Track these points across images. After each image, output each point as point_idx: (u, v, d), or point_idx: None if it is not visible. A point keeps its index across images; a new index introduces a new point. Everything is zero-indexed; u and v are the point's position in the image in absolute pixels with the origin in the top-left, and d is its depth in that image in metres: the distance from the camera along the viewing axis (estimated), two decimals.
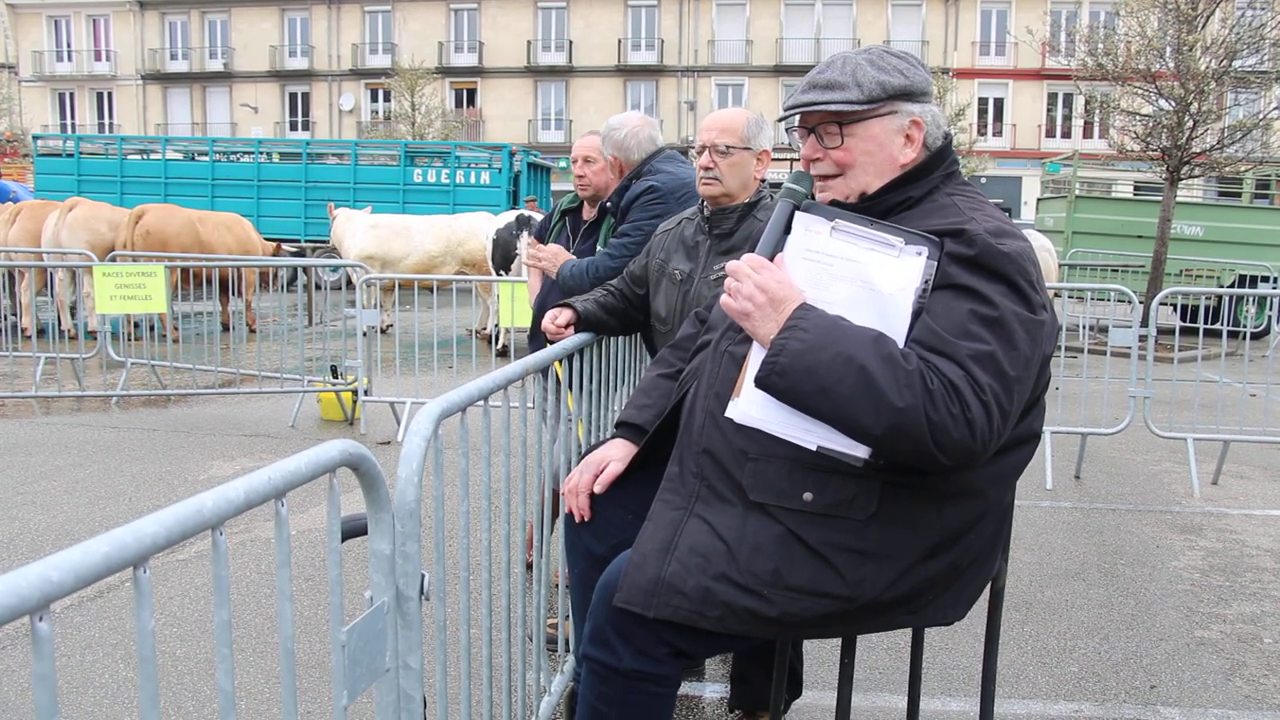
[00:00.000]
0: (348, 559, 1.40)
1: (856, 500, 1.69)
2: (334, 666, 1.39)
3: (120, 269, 7.28)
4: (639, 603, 1.71)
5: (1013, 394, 1.63)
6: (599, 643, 1.77)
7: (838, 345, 1.62)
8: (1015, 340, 1.63)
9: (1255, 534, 4.90)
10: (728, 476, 1.76)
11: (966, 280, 1.66)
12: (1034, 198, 23.35)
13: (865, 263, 1.71)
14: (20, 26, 39.21)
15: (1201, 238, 14.60)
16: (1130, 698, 3.13)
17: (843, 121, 1.82)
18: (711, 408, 1.82)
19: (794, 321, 1.67)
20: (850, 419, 1.61)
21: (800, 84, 1.90)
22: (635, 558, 1.77)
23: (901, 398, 1.57)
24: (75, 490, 5.21)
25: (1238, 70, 12.42)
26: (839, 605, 1.70)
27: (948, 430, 1.57)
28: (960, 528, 1.76)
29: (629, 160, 3.43)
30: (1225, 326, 7.22)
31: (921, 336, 1.65)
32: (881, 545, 1.70)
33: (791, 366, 1.63)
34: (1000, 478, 1.79)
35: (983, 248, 1.67)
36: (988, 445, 1.61)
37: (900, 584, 1.72)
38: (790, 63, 35.55)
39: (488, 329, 11.63)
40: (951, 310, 1.65)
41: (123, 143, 20.53)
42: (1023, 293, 1.67)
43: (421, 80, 30.88)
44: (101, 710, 2.93)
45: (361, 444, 1.41)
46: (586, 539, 2.15)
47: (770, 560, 1.69)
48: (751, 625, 1.70)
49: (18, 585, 0.84)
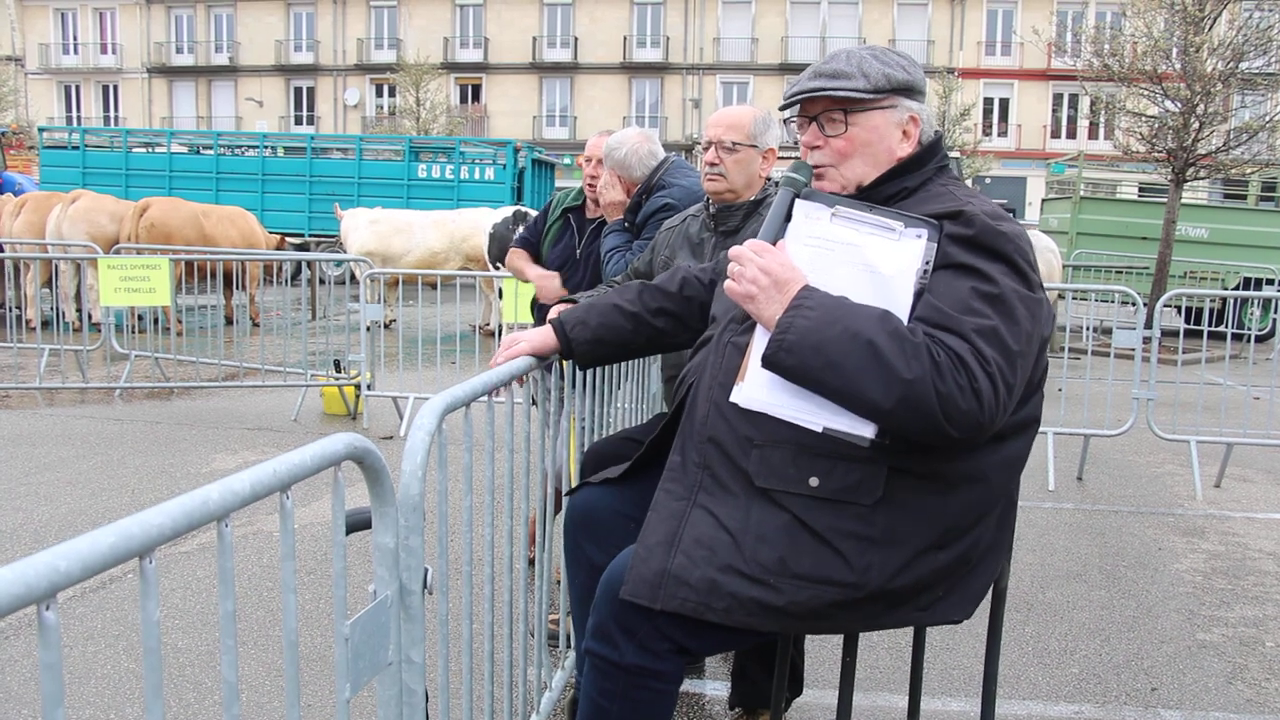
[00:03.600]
0: (348, 553, 1.40)
1: (863, 485, 1.69)
2: (337, 659, 1.39)
3: (125, 261, 7.29)
4: (645, 595, 1.71)
5: (1016, 368, 1.65)
6: (602, 638, 1.77)
7: (844, 322, 1.63)
8: (1016, 315, 1.66)
9: (1257, 537, 4.89)
10: (732, 464, 1.75)
11: (966, 259, 1.69)
12: (1039, 198, 23.32)
13: (866, 247, 1.73)
14: (27, 19, 39.26)
15: (1206, 240, 14.57)
16: (1131, 700, 3.13)
17: (847, 109, 1.85)
18: (716, 397, 1.81)
19: (799, 301, 1.68)
20: (859, 393, 1.62)
21: (804, 74, 1.92)
22: (640, 551, 1.77)
23: (909, 369, 1.58)
24: (78, 482, 5.22)
25: (1245, 72, 12.39)
26: (846, 593, 1.69)
27: (955, 401, 1.58)
28: (967, 517, 1.76)
29: (631, 177, 3.43)
30: (1229, 329, 7.22)
31: (925, 314, 1.67)
32: (887, 531, 1.69)
33: (799, 344, 1.64)
34: (1004, 464, 1.79)
35: (981, 227, 1.71)
36: (994, 417, 1.62)
37: (907, 572, 1.71)
38: (795, 61, 35.49)
39: (490, 324, 11.64)
40: (953, 288, 1.67)
41: (128, 136, 20.54)
42: (1021, 271, 1.71)
43: (426, 76, 30.87)
44: (103, 700, 2.93)
45: (366, 438, 1.41)
46: (589, 550, 2.13)
47: (776, 549, 1.69)
48: (759, 616, 1.69)
49: (25, 574, 0.84)
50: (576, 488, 2.23)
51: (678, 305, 2.27)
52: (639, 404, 3.53)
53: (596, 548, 2.12)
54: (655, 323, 2.26)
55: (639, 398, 3.54)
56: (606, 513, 2.11)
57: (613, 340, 2.26)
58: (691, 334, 2.20)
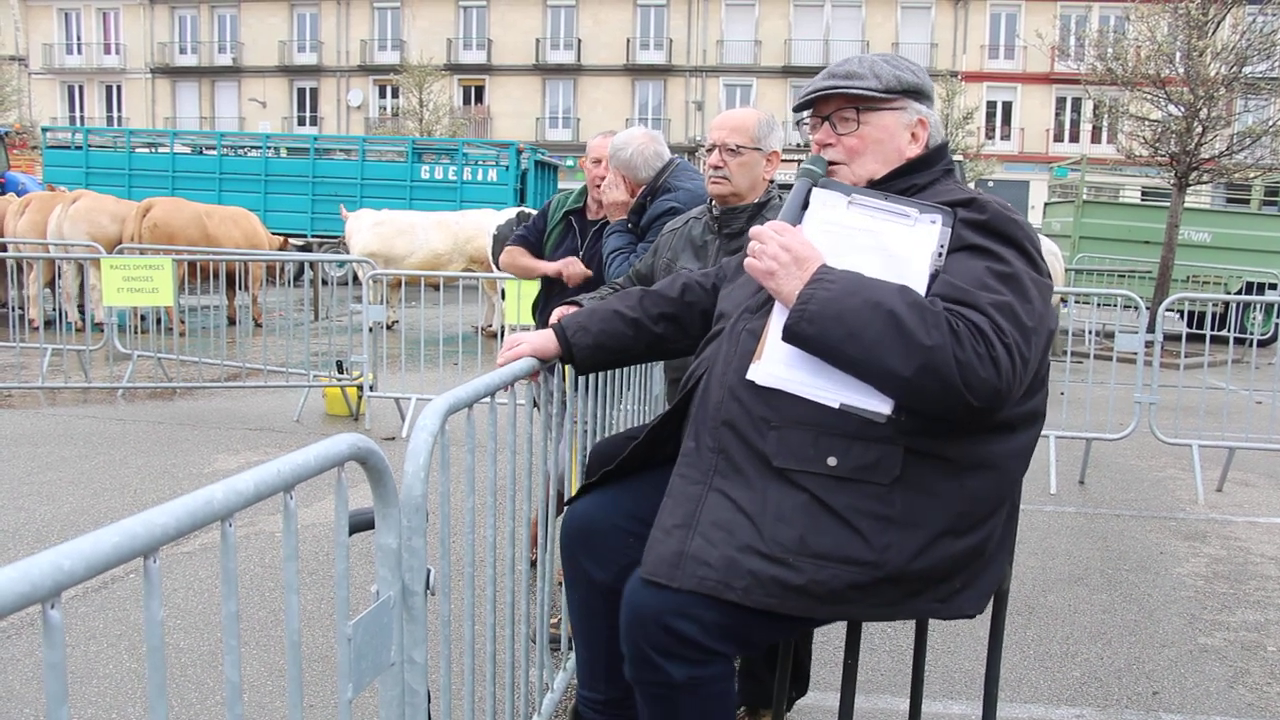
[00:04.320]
0: (350, 553, 1.39)
1: (880, 464, 1.70)
2: (339, 660, 1.39)
3: (128, 261, 7.30)
4: (664, 574, 1.71)
5: (1030, 344, 1.68)
6: (643, 664, 1.74)
7: (864, 293, 1.67)
8: (1029, 295, 1.71)
9: (1259, 541, 4.89)
10: (749, 447, 1.76)
11: (980, 241, 1.75)
12: (1041, 202, 23.31)
13: (882, 232, 1.79)
14: (31, 19, 39.34)
15: (1209, 244, 14.56)
16: (1133, 704, 3.12)
17: (860, 107, 1.92)
18: (730, 382, 1.82)
19: (820, 275, 1.73)
20: (879, 361, 1.64)
21: (817, 76, 1.99)
22: (657, 533, 1.77)
23: (930, 337, 1.61)
24: (80, 482, 5.23)
25: (1248, 76, 12.39)
26: (866, 573, 1.69)
27: (975, 369, 1.61)
28: (981, 505, 1.77)
29: (636, 179, 3.42)
30: (1232, 333, 7.23)
31: (942, 291, 1.71)
32: (906, 512, 1.70)
33: (820, 313, 1.68)
34: (1014, 453, 1.81)
35: (994, 213, 1.78)
36: (1012, 387, 1.66)
37: (925, 556, 1.71)
38: (799, 64, 35.52)
39: (493, 326, 11.64)
40: (968, 268, 1.73)
41: (131, 136, 20.56)
42: (1031, 257, 1.77)
43: (430, 77, 30.91)
44: (105, 700, 2.94)
45: (369, 438, 1.41)
46: (586, 564, 2.11)
47: (795, 528, 1.69)
48: (778, 596, 1.68)
49: (30, 573, 0.85)
50: (577, 495, 2.22)
51: (679, 311, 2.27)
52: (643, 406, 3.54)
53: (594, 563, 2.10)
54: (656, 328, 2.27)
55: (643, 400, 3.54)
56: (604, 526, 2.09)
57: (614, 346, 2.26)
58: (692, 340, 2.21)
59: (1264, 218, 15.18)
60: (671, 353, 2.38)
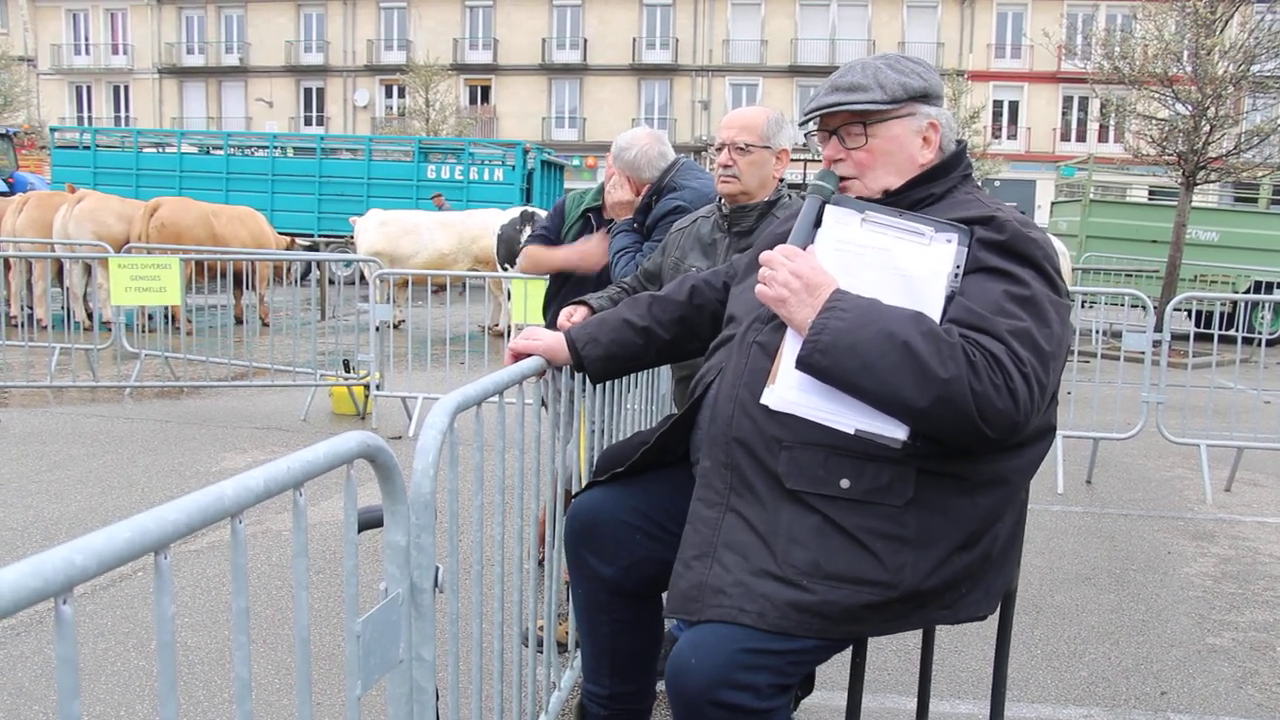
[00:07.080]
0: (359, 551, 1.40)
1: (893, 486, 1.68)
2: (348, 657, 1.39)
3: (135, 261, 7.32)
4: (684, 610, 1.70)
5: (1049, 369, 1.66)
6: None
7: (878, 323, 1.64)
8: (1048, 319, 1.68)
9: (1268, 541, 4.87)
10: (761, 466, 1.74)
11: (998, 263, 1.71)
12: (1048, 201, 23.24)
13: (896, 251, 1.74)
14: (39, 20, 39.46)
15: (1217, 243, 14.52)
16: (1140, 704, 3.11)
17: (866, 121, 1.86)
18: (742, 398, 1.80)
19: (832, 304, 1.69)
20: (894, 393, 1.62)
21: (821, 88, 1.93)
22: (679, 567, 1.76)
23: (945, 369, 1.59)
24: (88, 480, 5.24)
25: (1256, 75, 12.34)
26: (880, 593, 1.67)
27: (991, 400, 1.59)
28: (990, 519, 1.76)
29: (640, 179, 3.42)
30: (1240, 332, 7.18)
31: (958, 315, 1.68)
32: (920, 532, 1.69)
33: (834, 345, 1.65)
34: (1025, 468, 1.80)
35: (1013, 233, 1.73)
36: (1029, 417, 1.64)
37: (939, 573, 1.70)
38: (805, 63, 35.49)
39: (499, 325, 11.65)
40: (986, 291, 1.69)
41: (138, 136, 20.64)
42: (1050, 278, 1.73)
43: (436, 77, 30.93)
44: (114, 696, 2.95)
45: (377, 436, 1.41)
46: (592, 561, 2.10)
47: (808, 550, 1.67)
48: (792, 619, 1.65)
49: (43, 568, 0.85)
50: (584, 488, 2.21)
51: (688, 314, 2.27)
52: (650, 405, 3.54)
53: (599, 559, 2.09)
54: (666, 335, 2.26)
55: (650, 399, 3.54)
56: (609, 522, 2.08)
57: (625, 355, 2.26)
58: (702, 343, 2.20)
59: (1272, 216, 15.12)
60: (682, 356, 2.38)
